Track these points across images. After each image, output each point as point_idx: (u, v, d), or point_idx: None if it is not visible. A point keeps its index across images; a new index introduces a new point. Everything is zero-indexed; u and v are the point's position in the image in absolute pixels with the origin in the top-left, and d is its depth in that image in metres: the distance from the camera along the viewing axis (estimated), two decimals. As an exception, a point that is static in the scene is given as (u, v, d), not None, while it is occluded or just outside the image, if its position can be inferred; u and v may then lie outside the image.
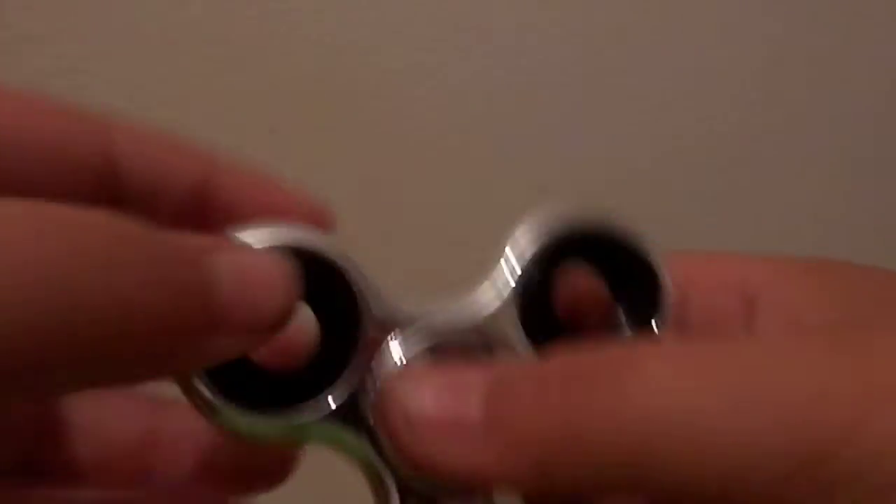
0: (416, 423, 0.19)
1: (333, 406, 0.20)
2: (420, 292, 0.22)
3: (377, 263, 0.22)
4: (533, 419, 0.18)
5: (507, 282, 0.21)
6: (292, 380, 0.20)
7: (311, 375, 0.21)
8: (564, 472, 0.18)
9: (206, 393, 0.19)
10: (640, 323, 0.22)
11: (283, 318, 0.19)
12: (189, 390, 0.20)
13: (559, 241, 0.21)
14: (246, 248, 0.20)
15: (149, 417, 0.24)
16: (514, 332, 0.21)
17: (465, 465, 0.19)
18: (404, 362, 0.21)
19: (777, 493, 0.16)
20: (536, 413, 0.18)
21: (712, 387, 0.17)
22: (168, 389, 0.20)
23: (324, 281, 0.21)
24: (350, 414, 0.21)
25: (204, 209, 0.22)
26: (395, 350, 0.21)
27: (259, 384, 0.20)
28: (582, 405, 0.18)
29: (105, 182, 0.22)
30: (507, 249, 0.21)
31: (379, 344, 0.21)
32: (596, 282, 0.22)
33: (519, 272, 0.21)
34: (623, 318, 0.22)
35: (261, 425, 0.20)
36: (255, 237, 0.20)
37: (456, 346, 0.21)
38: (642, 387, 0.17)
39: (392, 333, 0.21)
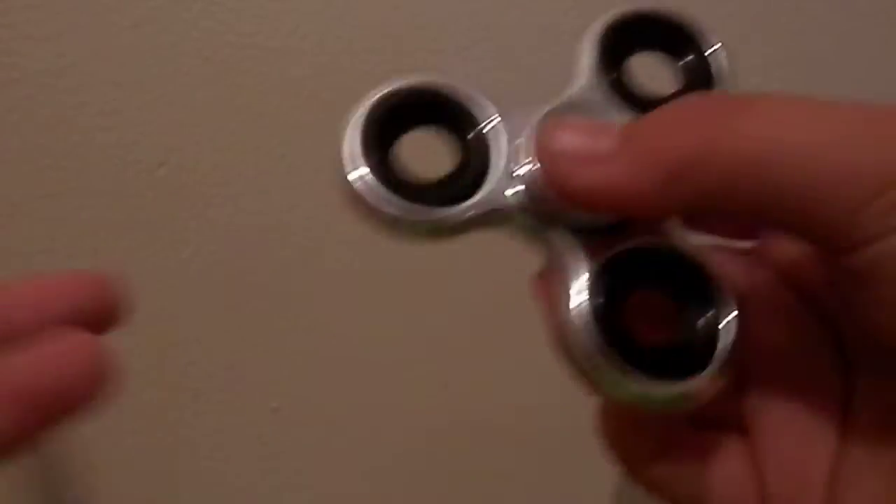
0: (559, 154, 0.23)
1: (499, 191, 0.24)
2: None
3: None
4: (665, 134, 0.21)
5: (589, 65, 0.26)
6: (447, 186, 0.24)
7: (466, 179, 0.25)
8: (690, 184, 0.21)
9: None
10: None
11: None
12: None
13: (622, 27, 0.27)
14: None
15: None
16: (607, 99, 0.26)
17: (599, 182, 0.22)
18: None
19: (872, 199, 0.19)
20: (669, 129, 0.21)
21: (822, 125, 0.20)
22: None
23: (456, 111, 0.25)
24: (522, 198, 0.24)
25: None
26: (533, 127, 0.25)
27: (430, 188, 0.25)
28: (714, 124, 0.21)
29: None
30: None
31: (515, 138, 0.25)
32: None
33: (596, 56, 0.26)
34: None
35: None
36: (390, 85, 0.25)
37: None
38: (765, 117, 0.20)
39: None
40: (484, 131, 0.25)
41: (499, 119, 0.25)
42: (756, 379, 0.25)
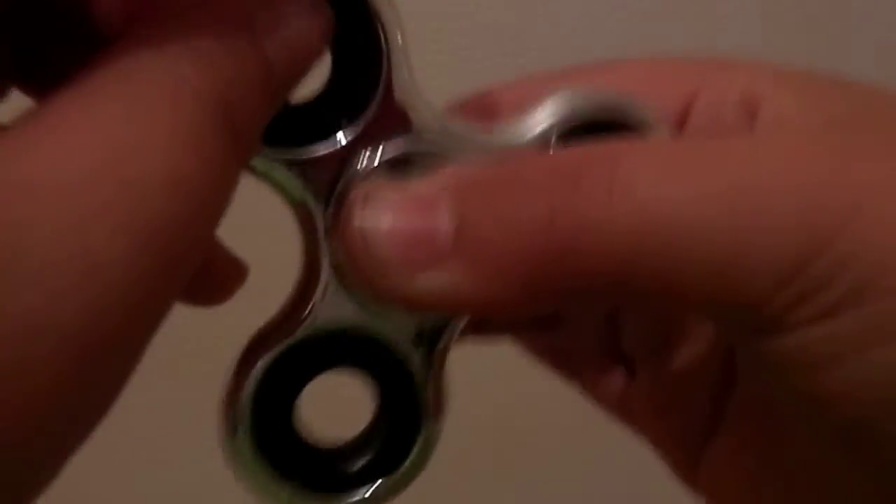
0: (376, 243, 0.17)
1: (304, 158, 0.19)
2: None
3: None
4: (515, 232, 0.16)
5: (537, 132, 0.20)
6: (287, 114, 0.18)
7: (305, 118, 0.19)
8: (552, 287, 0.16)
9: None
10: None
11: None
12: None
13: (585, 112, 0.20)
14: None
15: None
16: None
17: (434, 290, 0.17)
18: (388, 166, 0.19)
19: (773, 292, 0.16)
20: (518, 224, 0.16)
21: (703, 184, 0.16)
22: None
23: (360, 27, 0.19)
24: (319, 177, 0.19)
25: None
26: (394, 147, 0.19)
27: None
28: (569, 212, 0.16)
29: None
30: (545, 107, 0.21)
31: (382, 127, 0.19)
32: None
33: (548, 129, 0.20)
34: None
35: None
36: None
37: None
38: (630, 188, 0.16)
39: (401, 123, 0.19)
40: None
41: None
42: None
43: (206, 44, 0.16)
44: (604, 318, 0.24)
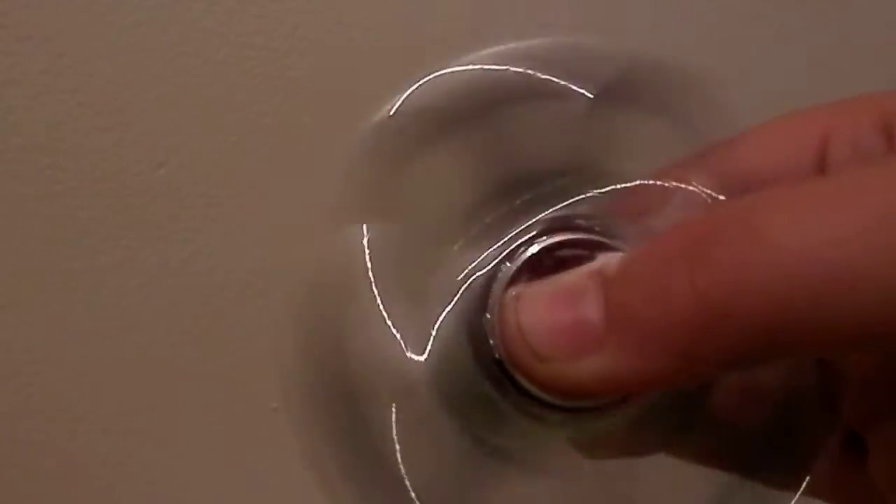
0: (533, 337, 0.18)
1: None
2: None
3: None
4: (662, 305, 0.16)
5: None
6: None
7: None
8: (708, 354, 0.16)
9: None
10: None
11: None
12: None
13: None
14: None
15: None
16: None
17: (593, 374, 0.17)
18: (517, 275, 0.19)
19: None
20: (665, 297, 0.16)
21: (845, 221, 0.15)
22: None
23: None
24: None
25: None
26: (508, 268, 0.19)
27: None
28: (710, 277, 0.16)
29: None
30: None
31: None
32: None
33: None
34: None
35: None
36: None
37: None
38: (768, 239, 0.16)
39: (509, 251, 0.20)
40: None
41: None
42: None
43: None
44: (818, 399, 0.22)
